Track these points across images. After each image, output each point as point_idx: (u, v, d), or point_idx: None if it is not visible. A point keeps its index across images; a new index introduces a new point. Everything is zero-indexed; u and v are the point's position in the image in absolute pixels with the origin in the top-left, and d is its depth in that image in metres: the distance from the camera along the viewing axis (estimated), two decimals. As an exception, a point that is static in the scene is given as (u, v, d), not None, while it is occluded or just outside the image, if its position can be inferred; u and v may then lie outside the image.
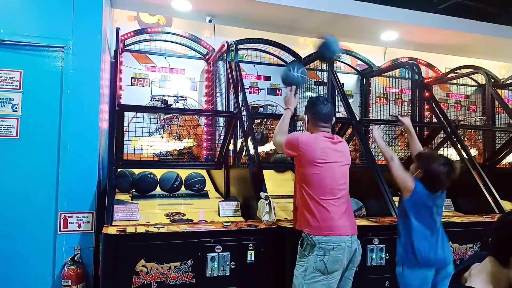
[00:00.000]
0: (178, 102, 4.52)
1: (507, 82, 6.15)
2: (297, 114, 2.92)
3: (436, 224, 2.61)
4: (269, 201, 2.89)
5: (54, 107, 3.33)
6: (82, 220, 3.29)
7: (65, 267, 3.17)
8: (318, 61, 4.82)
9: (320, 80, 5.10)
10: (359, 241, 2.54)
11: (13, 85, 3.27)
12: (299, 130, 4.53)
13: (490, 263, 1.28)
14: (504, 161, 5.24)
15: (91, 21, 3.47)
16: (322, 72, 5.00)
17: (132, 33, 4.49)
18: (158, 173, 3.85)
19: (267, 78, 5.28)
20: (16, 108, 3.27)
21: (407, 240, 2.57)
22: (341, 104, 4.27)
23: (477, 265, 1.33)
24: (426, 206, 2.56)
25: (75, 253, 3.23)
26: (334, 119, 2.74)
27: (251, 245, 2.79)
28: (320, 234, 2.40)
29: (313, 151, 2.48)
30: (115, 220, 2.97)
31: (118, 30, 4.13)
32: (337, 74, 4.42)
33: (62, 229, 3.26)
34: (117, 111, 3.45)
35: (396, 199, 4.00)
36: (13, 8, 3.31)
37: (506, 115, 5.27)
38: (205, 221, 3.18)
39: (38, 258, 3.23)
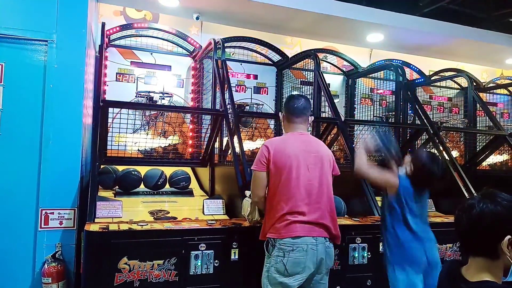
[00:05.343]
0: (164, 99, 4.49)
1: (489, 85, 6.29)
2: None
3: (424, 221, 2.63)
4: (254, 199, 2.89)
5: (37, 101, 3.27)
6: (63, 216, 3.24)
7: (46, 264, 3.11)
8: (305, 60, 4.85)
9: (306, 80, 5.13)
10: (329, 244, 2.48)
11: (-6, 78, 3.20)
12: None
13: (480, 261, 1.30)
14: (484, 163, 5.37)
15: (76, 15, 3.41)
16: (308, 72, 5.03)
17: (118, 28, 4.44)
18: (142, 170, 3.82)
19: (254, 76, 5.28)
20: (-4, 102, 3.20)
21: (396, 237, 2.57)
22: (327, 104, 4.30)
23: (466, 269, 1.33)
24: (413, 201, 2.57)
25: (56, 250, 3.18)
26: (312, 118, 2.71)
27: (235, 243, 2.79)
28: (280, 236, 2.37)
29: (283, 150, 2.47)
30: (98, 217, 2.94)
31: (103, 24, 4.08)
32: (323, 74, 4.45)
33: (43, 226, 3.20)
34: (101, 107, 3.41)
35: (379, 198, 4.06)
36: (-5, -1, 3.24)
37: (487, 117, 5.39)
38: (189, 219, 3.17)
39: (18, 255, 3.17)
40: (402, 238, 2.55)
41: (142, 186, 3.77)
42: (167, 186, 3.84)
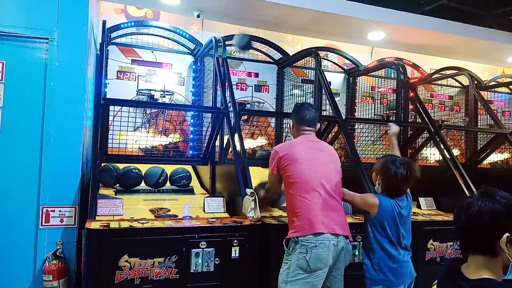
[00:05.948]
0: (165, 97, 4.49)
1: (490, 84, 6.28)
2: None
3: (404, 235, 2.57)
4: (255, 197, 2.89)
5: (38, 99, 3.26)
6: (64, 214, 3.25)
7: (47, 262, 3.12)
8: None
9: (307, 78, 5.12)
10: (348, 242, 2.55)
11: (-5, 76, 3.20)
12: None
13: (479, 258, 1.31)
14: (485, 161, 5.36)
15: (77, 13, 3.40)
16: (309, 70, 5.03)
17: (117, 26, 4.43)
18: (143, 168, 3.82)
19: (255, 74, 5.27)
20: (-3, 99, 3.20)
21: (379, 257, 2.54)
22: (328, 102, 4.29)
23: (466, 267, 1.34)
24: (393, 218, 2.53)
25: (57, 247, 3.18)
26: (319, 125, 2.81)
27: (235, 241, 2.79)
28: (303, 233, 2.41)
29: (292, 151, 2.59)
30: (99, 215, 2.94)
31: (104, 22, 4.08)
32: (324, 72, 4.44)
33: (44, 223, 3.21)
34: (102, 105, 3.41)
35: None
36: (-4, -3, 3.23)
37: (488, 116, 5.38)
38: (190, 217, 3.17)
39: (19, 252, 3.17)
40: (388, 256, 2.53)
41: (142, 184, 3.77)
42: (168, 184, 3.84)
